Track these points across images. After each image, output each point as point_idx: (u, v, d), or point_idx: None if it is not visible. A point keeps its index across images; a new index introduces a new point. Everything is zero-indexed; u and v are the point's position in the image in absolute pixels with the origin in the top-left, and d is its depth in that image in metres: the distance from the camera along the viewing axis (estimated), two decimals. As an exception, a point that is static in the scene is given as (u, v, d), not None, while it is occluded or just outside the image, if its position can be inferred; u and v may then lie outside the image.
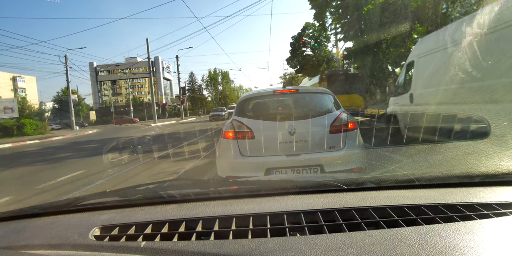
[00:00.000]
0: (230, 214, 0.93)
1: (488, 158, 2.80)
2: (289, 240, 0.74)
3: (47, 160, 9.11)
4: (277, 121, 3.11)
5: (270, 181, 1.39)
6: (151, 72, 32.30)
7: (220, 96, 66.22)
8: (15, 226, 1.02)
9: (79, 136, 21.04)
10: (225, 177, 3.13)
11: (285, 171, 2.93)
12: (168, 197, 1.12)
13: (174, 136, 13.73)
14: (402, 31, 12.35)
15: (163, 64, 67.01)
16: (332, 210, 0.92)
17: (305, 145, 2.99)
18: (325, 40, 29.57)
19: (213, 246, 0.73)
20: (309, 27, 30.71)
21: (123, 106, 57.91)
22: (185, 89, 39.81)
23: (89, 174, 6.11)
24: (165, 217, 0.95)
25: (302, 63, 30.56)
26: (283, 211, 0.92)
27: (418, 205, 0.92)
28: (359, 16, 14.84)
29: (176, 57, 35.96)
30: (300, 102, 3.64)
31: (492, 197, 0.97)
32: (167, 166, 6.15)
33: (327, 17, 20.59)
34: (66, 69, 28.22)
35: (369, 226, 0.82)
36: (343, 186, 1.12)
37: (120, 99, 66.82)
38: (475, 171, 1.15)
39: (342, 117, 3.10)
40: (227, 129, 3.16)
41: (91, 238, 0.85)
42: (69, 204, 1.13)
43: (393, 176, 1.24)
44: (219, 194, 1.14)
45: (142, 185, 1.32)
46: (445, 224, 0.77)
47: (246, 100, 3.50)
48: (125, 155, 7.85)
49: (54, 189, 4.98)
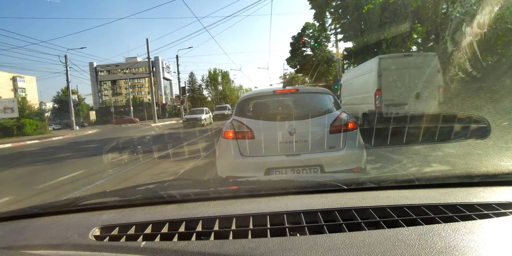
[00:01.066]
0: (230, 214, 0.93)
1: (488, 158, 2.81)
2: (289, 240, 0.74)
3: (47, 160, 9.11)
4: (277, 121, 3.11)
5: (270, 181, 1.39)
6: (151, 72, 32.31)
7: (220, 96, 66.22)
8: (15, 226, 1.02)
9: (79, 136, 21.04)
10: (225, 177, 3.13)
11: (285, 171, 2.93)
12: (168, 197, 1.12)
13: (174, 136, 13.73)
14: (402, 31, 12.33)
15: (163, 64, 67.00)
16: (332, 210, 0.92)
17: (305, 145, 2.99)
18: (325, 40, 29.58)
19: (213, 246, 0.73)
20: (309, 27, 30.75)
21: (123, 106, 57.90)
22: (185, 89, 39.78)
23: (89, 174, 6.11)
24: (165, 217, 0.95)
25: (302, 63, 30.60)
26: (283, 211, 0.92)
27: (418, 205, 0.92)
28: (359, 16, 14.84)
29: (176, 57, 35.96)
30: (300, 102, 3.64)
31: (492, 197, 0.97)
32: (167, 166, 6.15)
33: (327, 17, 20.57)
34: (66, 69, 28.24)
35: (369, 226, 0.82)
36: (343, 186, 1.12)
37: (120, 99, 66.81)
38: (475, 171, 1.15)
39: (342, 117, 3.10)
40: (227, 129, 3.16)
41: (91, 238, 0.85)
42: (69, 204, 1.13)
43: (393, 176, 1.24)
44: (219, 194, 1.14)
45: (142, 185, 1.32)
46: (445, 224, 0.77)
47: (246, 100, 3.50)
48: (125, 155, 7.85)
49: (54, 189, 4.98)
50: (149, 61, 31.56)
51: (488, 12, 8.00)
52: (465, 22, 8.77)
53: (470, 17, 8.64)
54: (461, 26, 8.90)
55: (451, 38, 9.37)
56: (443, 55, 9.59)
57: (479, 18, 8.17)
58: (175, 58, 36.15)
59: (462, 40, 8.67)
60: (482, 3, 8.35)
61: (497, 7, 7.97)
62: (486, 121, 3.08)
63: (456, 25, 9.25)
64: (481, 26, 8.11)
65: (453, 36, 9.29)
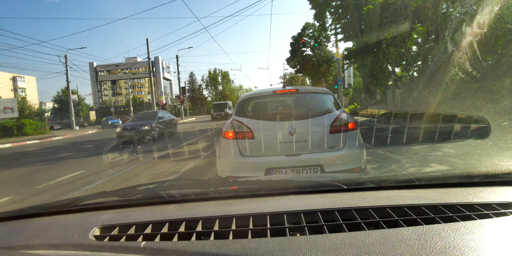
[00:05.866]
0: (230, 214, 0.93)
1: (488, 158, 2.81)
2: (289, 240, 0.74)
3: (47, 160, 9.11)
4: (277, 121, 3.11)
5: (270, 181, 1.39)
6: (151, 72, 32.28)
7: (220, 96, 66.20)
8: (15, 226, 1.02)
9: (79, 136, 21.04)
10: (225, 177, 3.13)
11: (285, 171, 2.93)
12: (168, 197, 1.12)
13: (174, 136, 13.74)
14: (402, 31, 12.32)
15: (163, 64, 66.95)
16: (332, 210, 0.92)
17: (305, 145, 2.98)
18: (325, 40, 29.56)
19: (213, 246, 0.73)
20: (309, 27, 30.72)
21: (123, 106, 57.83)
22: (185, 89, 39.79)
23: (89, 174, 6.11)
24: (165, 217, 0.95)
25: (302, 63, 30.59)
26: (283, 211, 0.92)
27: (418, 205, 0.92)
28: (359, 16, 14.82)
29: (176, 57, 35.97)
30: (300, 102, 3.64)
31: (492, 197, 0.97)
32: (167, 166, 6.15)
33: (327, 17, 20.54)
34: (66, 69, 28.20)
35: (369, 226, 0.82)
36: (343, 186, 1.12)
37: (120, 99, 66.77)
38: (475, 171, 1.15)
39: (342, 117, 3.10)
40: (227, 129, 3.17)
41: (91, 238, 0.85)
42: (69, 204, 1.13)
43: (393, 176, 1.24)
44: (219, 194, 1.14)
45: (142, 185, 1.32)
46: (445, 224, 0.77)
47: (246, 100, 3.50)
48: (125, 155, 7.86)
49: (54, 189, 4.99)
50: (149, 61, 31.54)
51: (488, 12, 8.00)
52: (465, 22, 8.77)
53: (470, 17, 8.64)
54: (461, 26, 8.89)
55: (451, 38, 9.36)
56: (443, 55, 9.60)
57: (479, 18, 8.17)
58: (175, 58, 36.20)
59: (462, 40, 8.67)
60: (482, 3, 8.35)
61: (497, 7, 7.96)
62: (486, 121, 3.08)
63: (456, 25, 9.25)
64: (481, 26, 8.10)
65: (453, 36, 9.28)
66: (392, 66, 14.31)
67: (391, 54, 13.59)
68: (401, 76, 13.94)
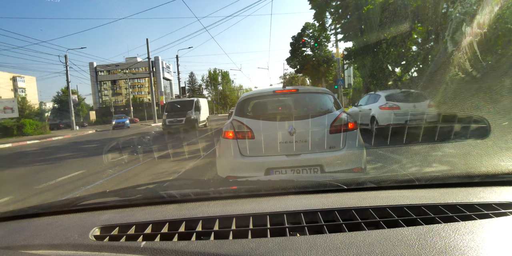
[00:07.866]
0: (230, 214, 0.93)
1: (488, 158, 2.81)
2: (289, 240, 0.74)
3: (47, 160, 9.11)
4: (277, 121, 3.11)
5: (270, 181, 1.39)
6: (151, 72, 32.31)
7: (220, 96, 66.20)
8: (15, 226, 1.02)
9: (79, 136, 21.04)
10: (225, 177, 3.13)
11: (285, 171, 2.93)
12: (168, 197, 1.12)
13: (174, 136, 13.73)
14: (402, 31, 12.31)
15: (163, 64, 66.91)
16: (332, 210, 0.92)
17: (305, 145, 2.98)
18: (325, 40, 29.52)
19: (213, 246, 0.73)
20: (309, 27, 30.69)
21: (123, 106, 57.82)
22: (185, 89, 39.79)
23: (89, 174, 6.11)
24: (165, 217, 0.95)
25: (302, 63, 30.55)
26: (283, 211, 0.92)
27: (418, 205, 0.92)
28: (359, 16, 14.81)
29: (176, 57, 35.93)
30: (300, 102, 3.64)
31: (492, 197, 0.97)
32: (167, 166, 6.15)
33: (327, 17, 20.54)
34: (66, 69, 28.22)
35: (369, 226, 0.82)
36: (343, 186, 1.12)
37: (120, 99, 66.76)
38: (475, 171, 1.15)
39: (342, 117, 3.10)
40: (227, 129, 3.17)
41: (91, 238, 0.85)
42: (69, 204, 1.13)
43: (393, 176, 1.24)
44: (219, 194, 1.14)
45: (142, 185, 1.32)
46: (445, 224, 0.77)
47: (246, 100, 3.50)
48: (125, 155, 7.85)
49: (54, 189, 4.99)
50: (149, 61, 31.56)
51: (488, 12, 8.00)
52: (465, 22, 8.75)
53: (470, 17, 8.63)
54: (461, 26, 8.88)
55: (451, 38, 9.35)
56: (443, 55, 9.59)
57: (479, 18, 8.17)
58: (175, 58, 36.13)
59: (462, 40, 8.66)
60: (482, 3, 8.34)
61: (497, 7, 7.96)
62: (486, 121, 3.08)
63: (456, 25, 9.24)
64: (481, 26, 8.10)
65: (453, 36, 9.27)
66: (392, 66, 14.30)
67: (391, 54, 13.58)
68: (401, 76, 13.93)
